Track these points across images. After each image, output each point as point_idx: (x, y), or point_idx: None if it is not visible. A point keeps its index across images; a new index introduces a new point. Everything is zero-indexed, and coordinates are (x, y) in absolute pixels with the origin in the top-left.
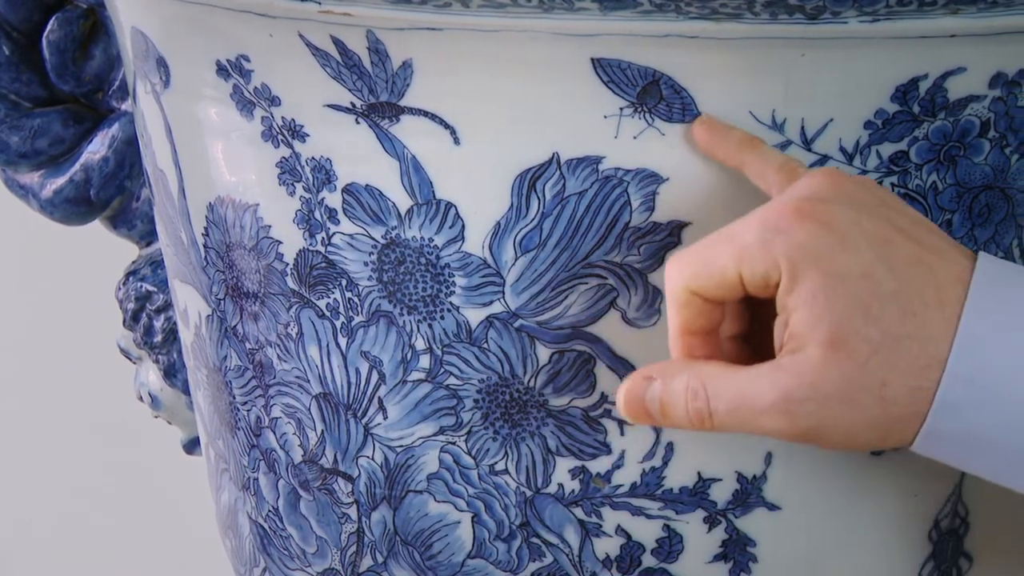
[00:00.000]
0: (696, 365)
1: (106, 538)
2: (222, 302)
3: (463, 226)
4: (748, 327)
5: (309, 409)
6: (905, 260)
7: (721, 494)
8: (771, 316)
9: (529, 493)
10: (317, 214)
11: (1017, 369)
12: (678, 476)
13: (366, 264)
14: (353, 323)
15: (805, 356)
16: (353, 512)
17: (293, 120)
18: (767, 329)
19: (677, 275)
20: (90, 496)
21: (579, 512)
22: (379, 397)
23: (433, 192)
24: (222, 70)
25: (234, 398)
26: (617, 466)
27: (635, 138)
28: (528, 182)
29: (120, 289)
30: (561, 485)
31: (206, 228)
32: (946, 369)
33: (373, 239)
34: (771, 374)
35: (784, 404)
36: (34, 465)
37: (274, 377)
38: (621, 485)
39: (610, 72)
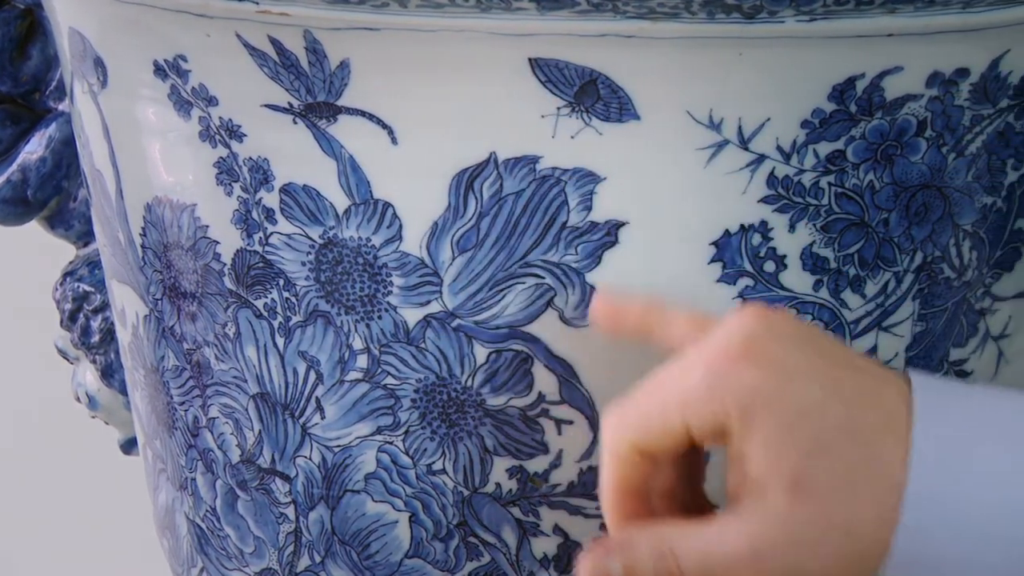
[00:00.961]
0: (655, 528)
1: (42, 538)
2: (160, 302)
3: (401, 226)
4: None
5: (247, 409)
6: (851, 390)
7: None
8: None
9: (467, 493)
10: (255, 214)
11: (976, 483)
12: None
13: (304, 264)
14: (291, 323)
15: (770, 502)
16: (291, 512)
17: (230, 120)
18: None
19: (619, 431)
20: (26, 496)
21: (517, 511)
22: (317, 397)
23: (371, 192)
24: (159, 70)
25: (172, 398)
26: (555, 465)
27: (572, 138)
28: (466, 182)
29: (57, 289)
30: (499, 484)
31: (143, 228)
32: (906, 493)
33: (311, 239)
34: (737, 525)
35: (755, 554)
36: None
37: (212, 377)
38: (559, 484)
39: (547, 72)
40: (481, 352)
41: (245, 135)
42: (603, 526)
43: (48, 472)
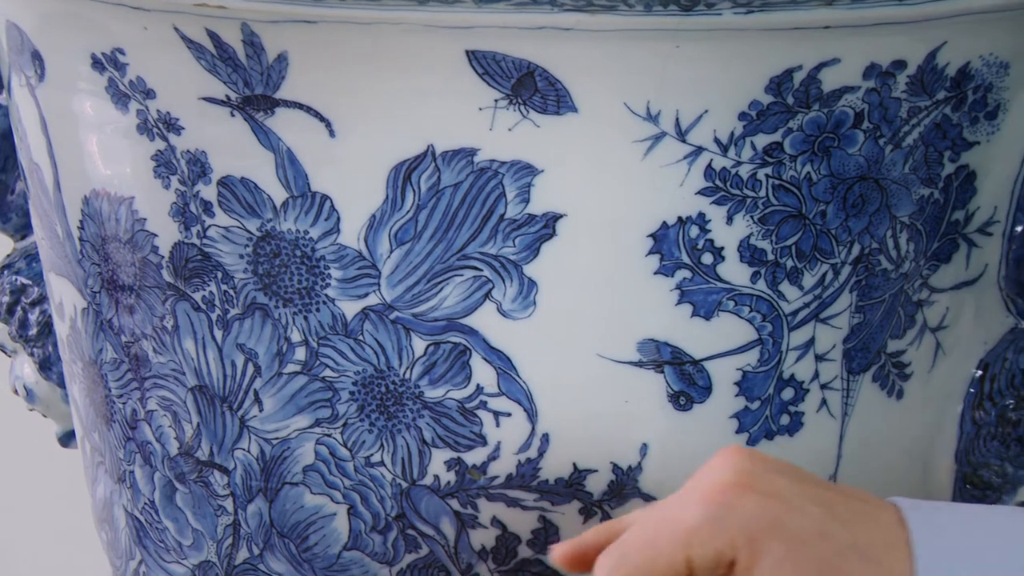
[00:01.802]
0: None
1: None
2: (97, 295)
3: (338, 218)
4: None
5: (185, 402)
6: (847, 512)
7: (596, 485)
8: None
9: (405, 485)
10: (192, 207)
11: None
12: (554, 467)
13: (241, 257)
14: (228, 316)
15: None
16: (229, 504)
17: (168, 113)
18: None
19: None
20: None
21: (455, 504)
22: (255, 389)
23: (308, 185)
24: (97, 63)
25: (110, 391)
26: (493, 457)
27: (510, 130)
28: (403, 174)
29: None
30: (437, 477)
31: (81, 221)
32: None
33: (248, 232)
34: None
35: None
36: None
37: (150, 370)
38: (497, 476)
39: (485, 64)
40: (419, 344)
41: (183, 128)
42: (542, 518)
43: None
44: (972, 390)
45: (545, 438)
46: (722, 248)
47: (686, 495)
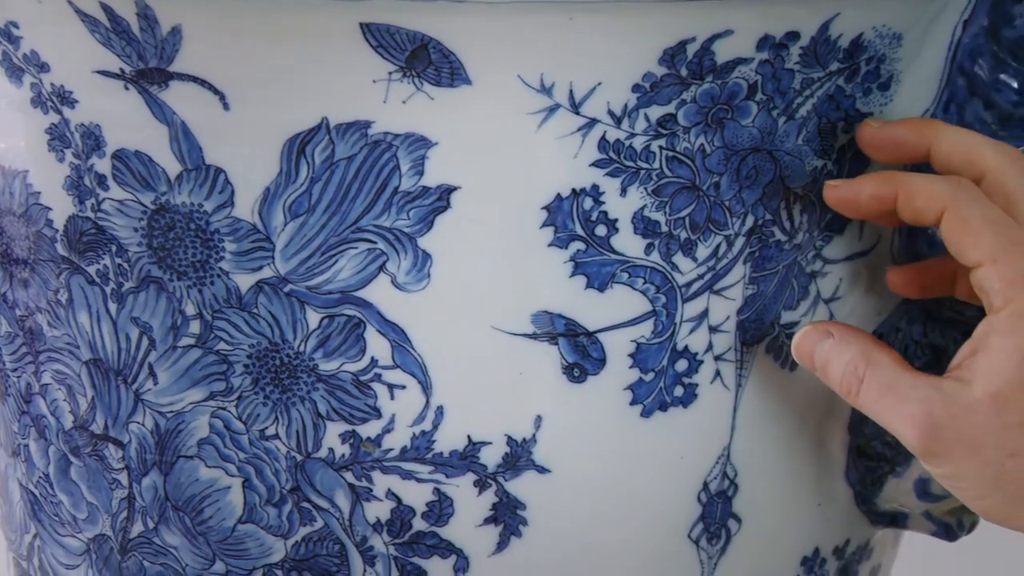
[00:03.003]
0: (871, 346)
1: None
2: None
3: (232, 191)
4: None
5: (79, 375)
6: None
7: (491, 457)
8: None
9: (299, 458)
10: (87, 180)
11: None
12: (448, 440)
13: (136, 230)
14: (123, 289)
15: (966, 390)
16: (124, 478)
17: (62, 86)
18: None
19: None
20: None
21: (349, 476)
22: (149, 363)
23: (202, 158)
24: None
25: (4, 365)
26: (387, 430)
27: (404, 103)
28: (297, 147)
29: None
30: (332, 449)
31: None
32: None
33: (143, 205)
34: (926, 387)
35: (921, 418)
36: None
37: (44, 344)
38: (391, 449)
39: (379, 37)
40: (313, 317)
41: (77, 101)
42: (436, 491)
43: None
44: None
45: (439, 410)
46: (616, 220)
47: None
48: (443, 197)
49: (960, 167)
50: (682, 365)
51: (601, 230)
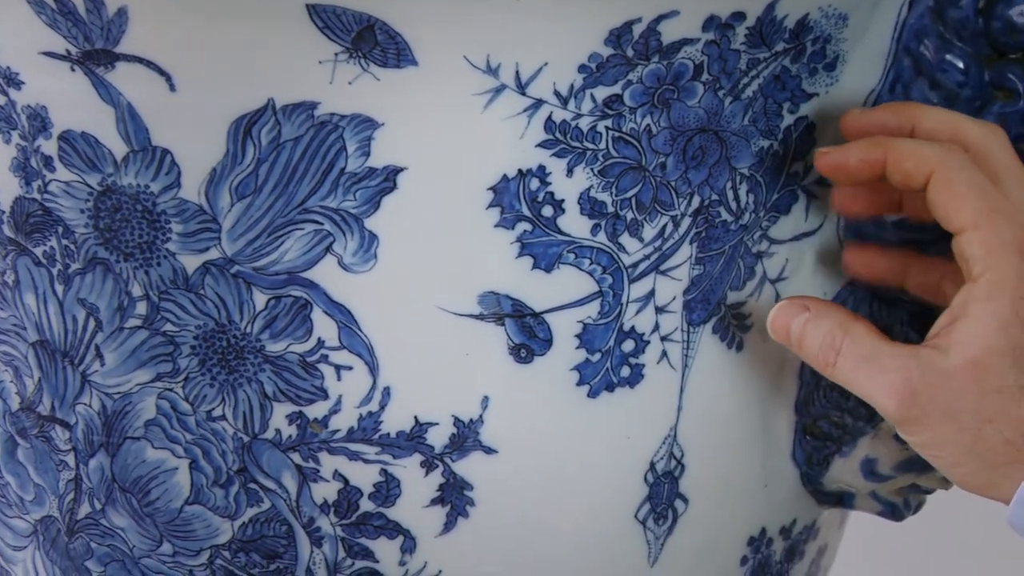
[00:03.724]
0: (847, 318)
1: None
2: None
3: (179, 173)
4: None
5: (26, 357)
6: None
7: (438, 438)
8: None
9: (246, 439)
10: (33, 162)
11: None
12: (395, 421)
13: (82, 211)
14: (70, 270)
15: (943, 357)
16: (71, 459)
17: (8, 68)
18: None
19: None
20: None
21: (296, 457)
22: (96, 344)
23: (149, 139)
24: None
25: None
26: (334, 411)
27: (350, 84)
28: (244, 128)
29: None
30: (278, 431)
31: None
32: None
33: (89, 186)
34: (903, 357)
35: (900, 386)
36: None
37: None
38: (338, 430)
39: (325, 18)
40: (260, 298)
41: (23, 82)
42: (383, 472)
43: None
44: None
45: (386, 391)
46: (562, 201)
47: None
48: (389, 178)
49: (912, 173)
50: (629, 345)
51: (547, 211)
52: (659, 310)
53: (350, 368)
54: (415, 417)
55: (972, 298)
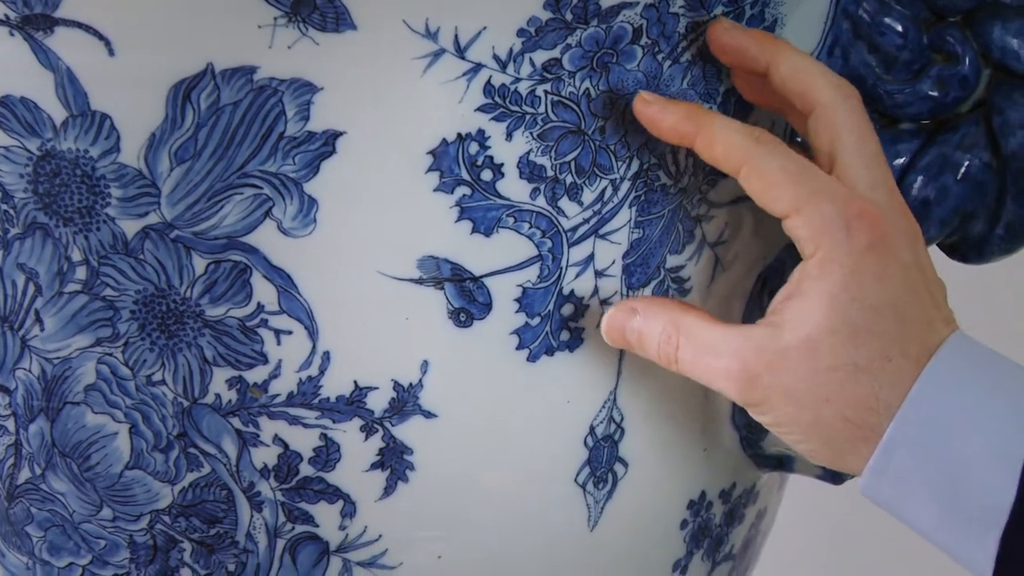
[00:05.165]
0: (678, 311)
1: None
2: None
3: (118, 137)
4: None
5: None
6: (916, 312)
7: (377, 402)
8: None
9: (186, 403)
10: None
11: (946, 435)
12: (335, 385)
13: (21, 176)
14: (9, 235)
15: (777, 336)
16: (10, 424)
17: None
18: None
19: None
20: None
21: (236, 422)
22: (36, 309)
23: (88, 104)
24: None
25: None
26: (274, 376)
27: (289, 48)
28: (183, 93)
29: None
30: (218, 395)
31: None
32: (895, 416)
33: (28, 151)
34: (737, 339)
35: (737, 370)
36: None
37: None
38: (278, 395)
39: None
40: (200, 263)
41: None
42: (323, 436)
43: None
44: (751, 305)
45: (326, 356)
46: (502, 165)
47: (846, 191)
48: (329, 142)
49: (794, 94)
50: (568, 309)
51: (487, 175)
52: (599, 274)
53: (290, 333)
54: (355, 381)
55: (805, 275)
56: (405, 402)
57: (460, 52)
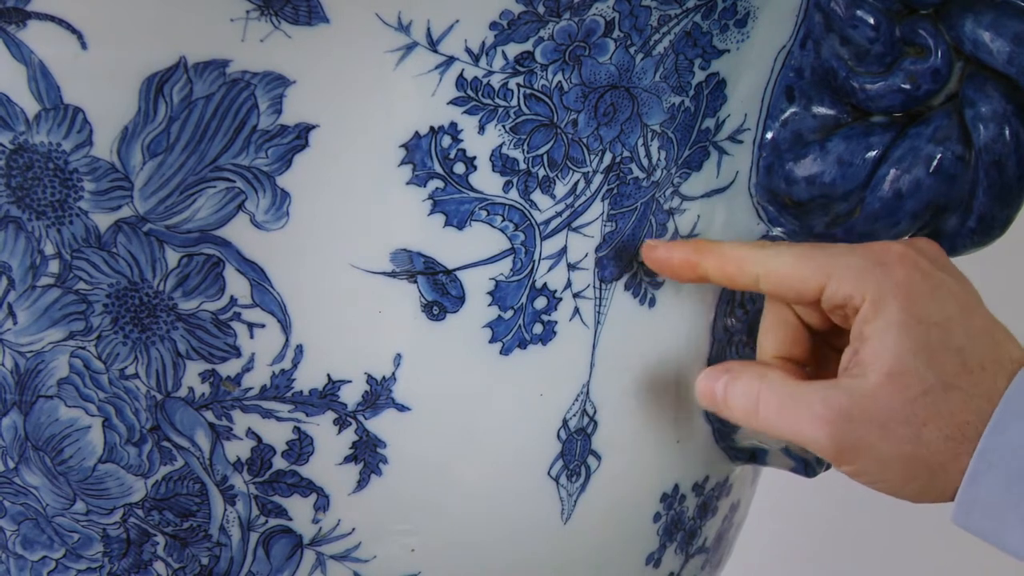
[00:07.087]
0: (762, 370)
1: None
2: None
3: (91, 131)
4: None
5: None
6: (980, 326)
7: (351, 396)
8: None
9: (159, 397)
10: None
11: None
12: (308, 378)
13: None
14: None
15: (862, 381)
16: None
17: None
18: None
19: (763, 264)
20: None
21: (209, 415)
22: (8, 303)
23: (61, 97)
24: None
25: None
26: (247, 369)
27: (262, 41)
28: (155, 86)
29: None
30: (191, 389)
31: None
32: (977, 449)
33: (1, 144)
34: (825, 390)
35: (828, 418)
36: None
37: None
38: (251, 388)
39: None
40: (173, 256)
41: None
42: (296, 429)
43: None
44: (724, 298)
45: (299, 349)
46: (474, 158)
47: (859, 245)
48: (301, 136)
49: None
50: (541, 303)
51: (459, 168)
52: (571, 267)
53: (263, 326)
54: (328, 375)
55: (863, 322)
56: (378, 395)
57: (433, 45)
